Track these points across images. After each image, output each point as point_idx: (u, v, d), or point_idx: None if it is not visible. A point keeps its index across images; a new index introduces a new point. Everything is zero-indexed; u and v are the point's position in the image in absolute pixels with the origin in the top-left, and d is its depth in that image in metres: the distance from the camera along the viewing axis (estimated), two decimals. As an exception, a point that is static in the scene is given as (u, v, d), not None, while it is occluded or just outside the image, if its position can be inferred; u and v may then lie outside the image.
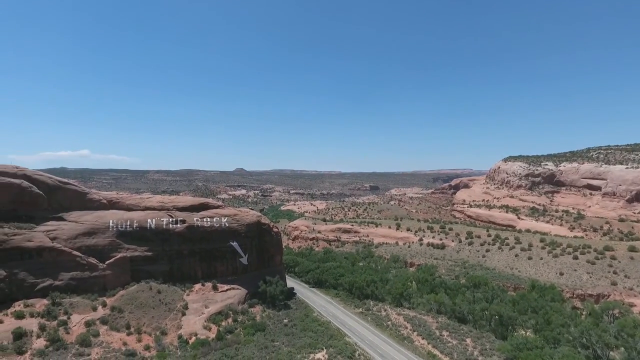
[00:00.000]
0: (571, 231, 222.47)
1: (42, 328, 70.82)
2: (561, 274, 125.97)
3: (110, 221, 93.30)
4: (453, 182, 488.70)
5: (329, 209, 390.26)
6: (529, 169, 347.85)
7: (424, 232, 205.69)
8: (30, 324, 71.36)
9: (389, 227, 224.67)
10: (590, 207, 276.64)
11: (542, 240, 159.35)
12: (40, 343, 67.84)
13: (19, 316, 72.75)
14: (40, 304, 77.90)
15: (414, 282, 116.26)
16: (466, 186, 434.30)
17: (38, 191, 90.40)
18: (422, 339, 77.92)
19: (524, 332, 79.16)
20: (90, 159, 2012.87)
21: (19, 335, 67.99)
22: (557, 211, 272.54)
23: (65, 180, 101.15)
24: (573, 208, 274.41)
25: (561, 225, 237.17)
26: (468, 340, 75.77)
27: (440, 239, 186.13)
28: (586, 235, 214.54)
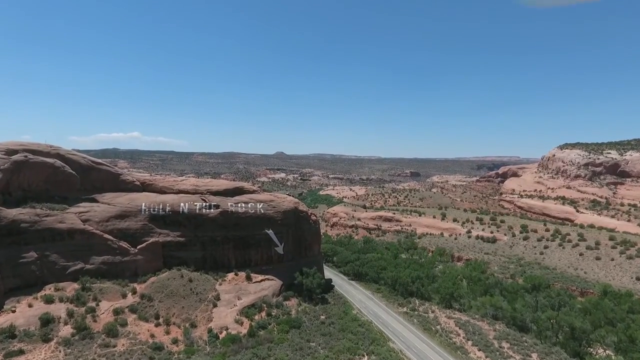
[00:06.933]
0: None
1: (70, 314, 68.11)
2: (638, 279, 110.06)
3: (143, 204, 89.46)
4: (501, 170, 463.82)
5: (368, 195, 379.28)
6: (589, 158, 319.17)
7: (472, 223, 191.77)
8: (59, 310, 68.75)
9: (434, 217, 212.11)
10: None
11: (611, 239, 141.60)
12: (66, 331, 64.85)
13: (49, 300, 70.32)
14: (71, 288, 75.36)
15: (464, 280, 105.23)
16: (515, 175, 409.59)
17: (71, 171, 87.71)
18: (479, 350, 67.87)
19: (602, 351, 67.11)
20: (140, 140, 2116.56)
21: (47, 321, 65.52)
22: (622, 205, 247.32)
23: (99, 160, 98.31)
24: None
25: (629, 221, 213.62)
26: (534, 356, 65.00)
27: (491, 232, 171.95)
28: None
